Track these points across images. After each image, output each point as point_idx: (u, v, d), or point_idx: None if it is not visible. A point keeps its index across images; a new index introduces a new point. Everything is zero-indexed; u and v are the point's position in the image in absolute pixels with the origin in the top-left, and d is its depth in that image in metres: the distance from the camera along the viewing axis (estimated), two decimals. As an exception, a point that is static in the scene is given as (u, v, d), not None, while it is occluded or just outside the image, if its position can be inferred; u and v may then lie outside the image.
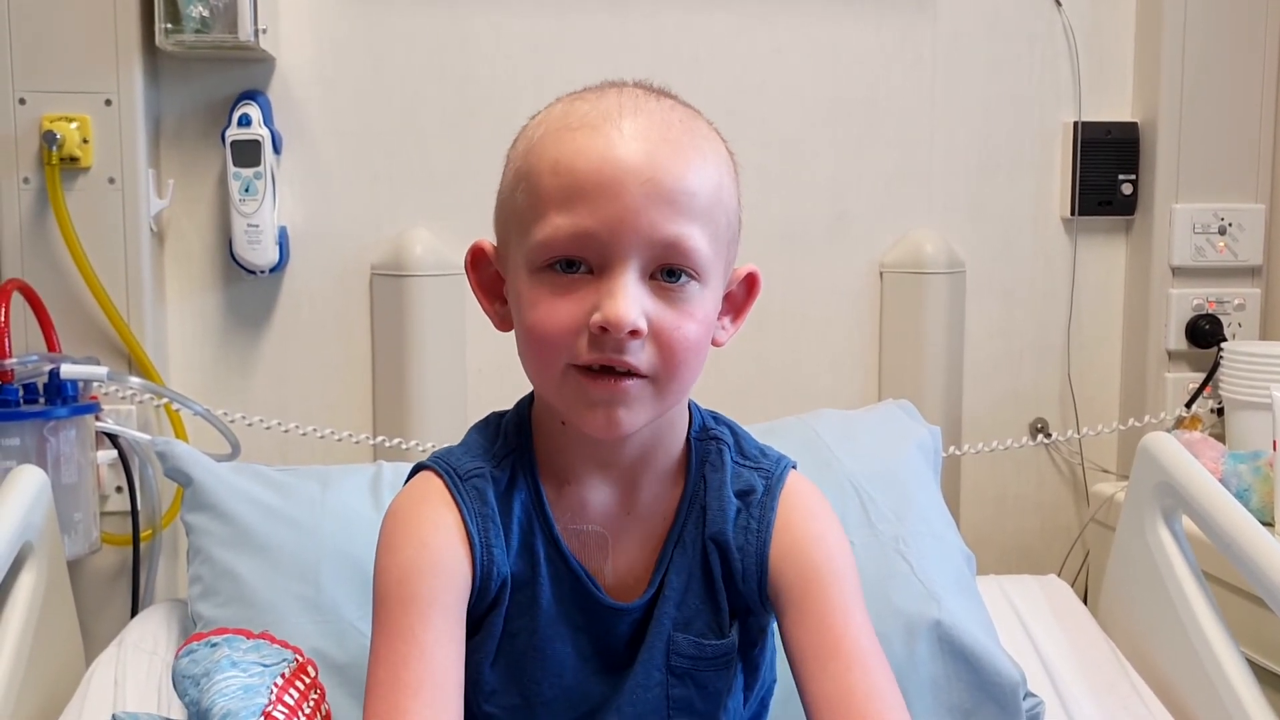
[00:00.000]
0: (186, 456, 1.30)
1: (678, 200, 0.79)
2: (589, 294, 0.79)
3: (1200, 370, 1.87)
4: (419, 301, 1.73)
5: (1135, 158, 1.88)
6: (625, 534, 0.89)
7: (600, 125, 0.80)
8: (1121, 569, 1.41)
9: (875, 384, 1.89)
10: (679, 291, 0.81)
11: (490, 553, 0.85)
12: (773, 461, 0.92)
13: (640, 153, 0.79)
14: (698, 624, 0.89)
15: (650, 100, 0.83)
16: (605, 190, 0.78)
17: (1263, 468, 1.51)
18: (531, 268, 0.81)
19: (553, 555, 0.88)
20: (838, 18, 1.83)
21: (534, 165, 0.82)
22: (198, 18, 1.56)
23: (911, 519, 1.29)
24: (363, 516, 1.24)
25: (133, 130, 1.61)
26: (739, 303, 0.91)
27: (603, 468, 0.89)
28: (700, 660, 0.89)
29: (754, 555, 0.88)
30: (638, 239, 0.78)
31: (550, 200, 0.79)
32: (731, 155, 0.87)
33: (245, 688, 0.92)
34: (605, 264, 0.79)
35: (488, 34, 1.76)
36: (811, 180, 1.85)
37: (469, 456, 0.89)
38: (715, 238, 0.82)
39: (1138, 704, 1.25)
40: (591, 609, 0.88)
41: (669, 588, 0.88)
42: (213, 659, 0.94)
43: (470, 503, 0.86)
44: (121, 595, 1.65)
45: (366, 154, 1.76)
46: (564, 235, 0.79)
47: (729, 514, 0.89)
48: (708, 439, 0.92)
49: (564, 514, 0.89)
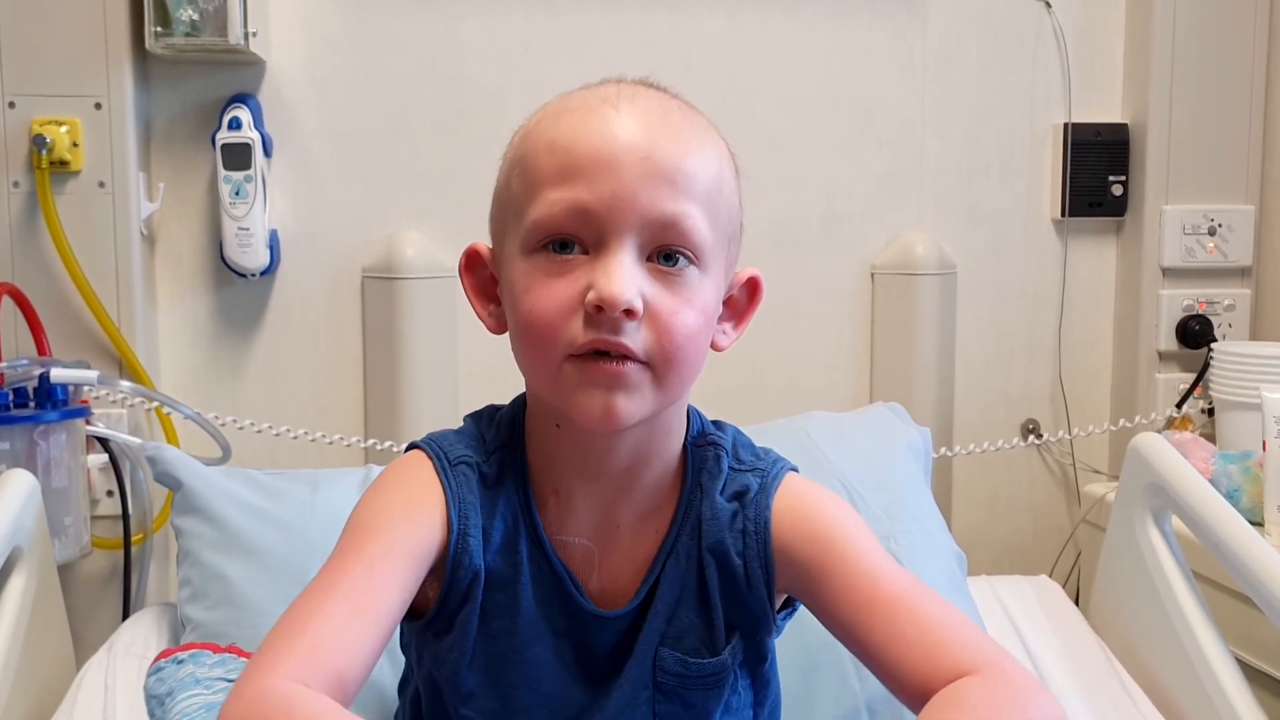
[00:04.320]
0: (176, 461, 1.30)
1: (676, 179, 0.77)
2: (584, 274, 0.77)
3: (1190, 371, 1.87)
4: (410, 304, 1.72)
5: (1125, 159, 1.89)
6: (612, 547, 0.87)
7: (598, 107, 0.79)
8: (1112, 569, 1.41)
9: (867, 385, 1.89)
10: (677, 276, 0.78)
11: (465, 541, 0.83)
12: (769, 462, 0.90)
13: (638, 132, 0.77)
14: (689, 640, 0.86)
15: (650, 91, 0.82)
16: (602, 166, 0.76)
17: (1253, 468, 1.51)
18: (526, 250, 0.79)
19: (536, 556, 0.85)
20: (829, 20, 1.83)
21: (530, 149, 0.80)
22: (187, 21, 1.56)
23: (903, 518, 1.29)
24: (352, 519, 1.24)
25: (123, 134, 1.61)
26: (741, 308, 0.88)
27: (593, 478, 0.86)
28: (687, 679, 0.86)
29: (757, 555, 0.85)
30: (634, 216, 0.76)
31: (546, 178, 0.78)
32: (733, 156, 0.86)
33: (207, 706, 0.91)
34: (601, 241, 0.77)
35: (478, 36, 1.76)
36: (803, 181, 1.85)
37: (461, 444, 0.88)
38: (715, 225, 0.80)
39: (1128, 704, 1.25)
40: (574, 614, 0.86)
41: (659, 601, 0.86)
42: (177, 677, 0.94)
43: (455, 488, 0.84)
44: (113, 599, 1.65)
45: (357, 157, 1.76)
46: (559, 211, 0.77)
47: (724, 520, 0.86)
48: (705, 445, 0.89)
49: (550, 524, 0.86)
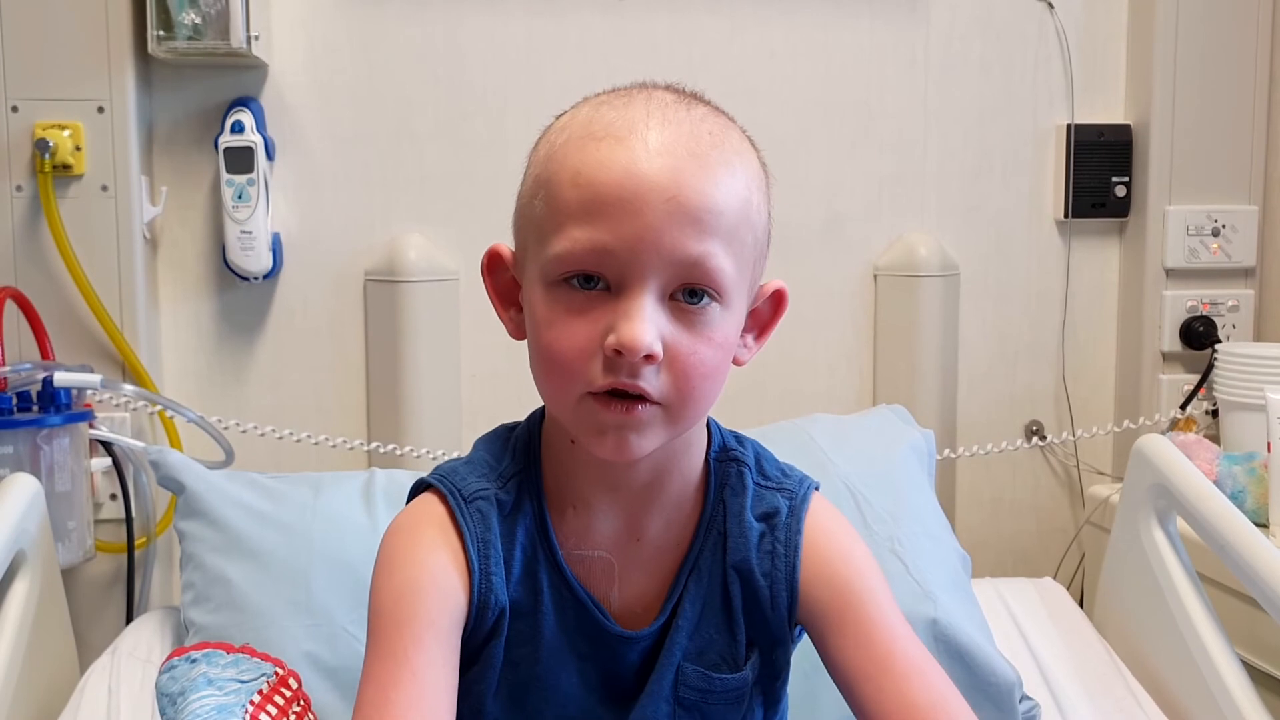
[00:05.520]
0: (179, 464, 1.31)
1: (702, 219, 0.76)
2: (605, 314, 0.76)
3: (1195, 372, 1.87)
4: (413, 307, 1.72)
5: (1128, 160, 1.88)
6: (633, 561, 0.86)
7: (625, 137, 0.76)
8: (1116, 571, 1.41)
9: (870, 387, 1.89)
10: (699, 314, 0.77)
11: (489, 580, 0.82)
12: (795, 482, 0.89)
13: (665, 168, 0.75)
14: (710, 655, 0.86)
15: (680, 109, 0.79)
16: (626, 207, 0.74)
17: (1257, 469, 1.51)
18: (547, 281, 0.78)
19: (556, 583, 0.85)
20: (831, 21, 1.83)
21: (554, 174, 0.78)
22: (190, 25, 1.56)
23: (906, 520, 1.29)
24: (354, 522, 1.24)
25: (125, 137, 1.61)
26: (764, 320, 0.87)
27: (612, 490, 0.86)
28: (710, 694, 0.86)
29: (784, 580, 0.85)
30: (658, 259, 0.75)
31: (569, 212, 0.76)
32: (764, 166, 0.84)
33: (219, 707, 0.91)
34: (623, 283, 0.76)
35: (480, 39, 1.76)
36: (805, 183, 1.84)
37: (474, 476, 0.86)
38: (740, 257, 0.79)
39: (1133, 706, 1.25)
40: (598, 637, 0.85)
41: (682, 616, 0.85)
42: (189, 676, 0.94)
43: (473, 527, 0.83)
44: (116, 603, 1.65)
45: (359, 160, 1.76)
46: (581, 250, 0.75)
47: (751, 539, 0.86)
48: (728, 460, 0.89)
49: (569, 538, 0.86)
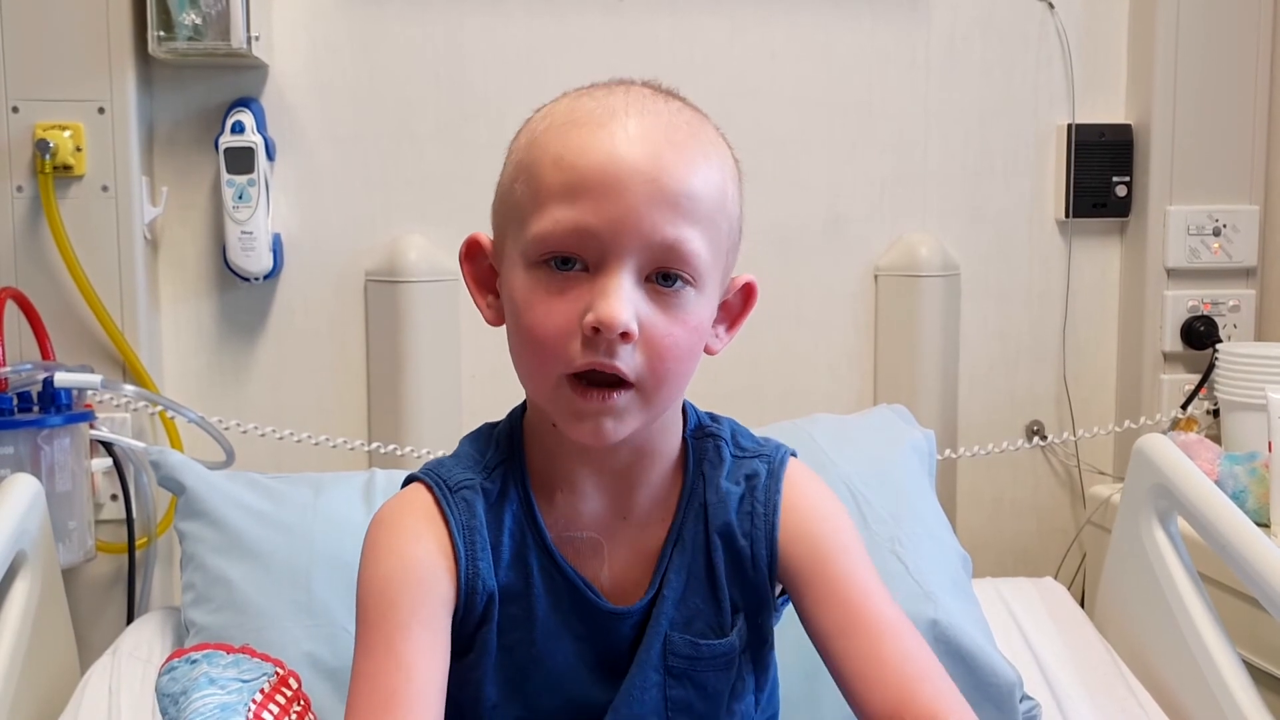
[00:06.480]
0: (179, 465, 1.31)
1: (680, 203, 0.78)
2: (583, 293, 0.78)
3: (1196, 372, 1.87)
4: (413, 307, 1.72)
5: (1129, 160, 1.88)
6: (620, 539, 0.89)
7: (606, 122, 0.79)
8: (1117, 571, 1.41)
9: (871, 387, 1.89)
10: (674, 297, 0.80)
11: (475, 566, 0.84)
12: (773, 448, 0.92)
13: (645, 153, 0.78)
14: (697, 623, 0.88)
15: (658, 101, 0.82)
16: (608, 188, 0.77)
17: (1259, 469, 1.51)
18: (527, 262, 0.80)
19: (546, 565, 0.86)
20: (832, 21, 1.83)
21: (536, 158, 0.80)
22: (190, 25, 1.56)
23: (907, 520, 1.29)
24: (355, 522, 1.24)
25: (126, 138, 1.61)
26: (735, 312, 0.90)
27: (596, 472, 0.88)
28: (698, 661, 0.88)
29: (764, 538, 0.88)
30: (637, 240, 0.77)
31: (551, 194, 0.78)
32: (737, 163, 0.86)
33: (222, 706, 0.92)
34: (601, 262, 0.78)
35: (480, 40, 1.76)
36: (806, 183, 1.84)
37: (460, 468, 0.88)
38: (715, 244, 0.81)
39: (1134, 706, 1.24)
40: (591, 616, 0.87)
41: (668, 587, 0.87)
42: (191, 676, 0.94)
43: (458, 515, 0.85)
44: (117, 603, 1.65)
45: (360, 160, 1.76)
46: (563, 230, 0.78)
47: (731, 504, 0.88)
48: (705, 437, 0.91)
49: (557, 522, 0.88)
